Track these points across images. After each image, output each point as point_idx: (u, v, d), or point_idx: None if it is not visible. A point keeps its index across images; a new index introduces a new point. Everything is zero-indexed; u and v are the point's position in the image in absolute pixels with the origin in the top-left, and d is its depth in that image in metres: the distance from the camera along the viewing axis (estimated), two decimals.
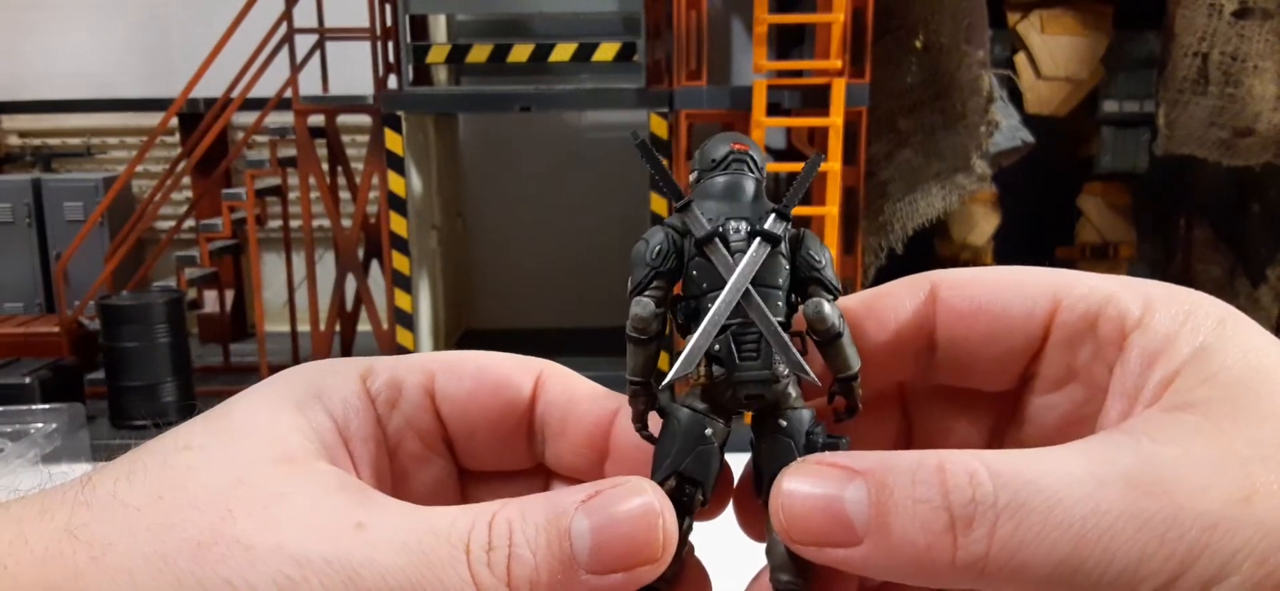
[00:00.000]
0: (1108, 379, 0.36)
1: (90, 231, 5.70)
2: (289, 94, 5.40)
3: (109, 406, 5.10)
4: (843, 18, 4.72)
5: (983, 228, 5.63)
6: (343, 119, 5.92)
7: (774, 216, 0.37)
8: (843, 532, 0.33)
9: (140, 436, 0.38)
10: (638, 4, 5.27)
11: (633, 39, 5.34)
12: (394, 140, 5.37)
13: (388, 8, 5.36)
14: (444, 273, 6.33)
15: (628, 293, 0.38)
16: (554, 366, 0.42)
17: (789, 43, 5.91)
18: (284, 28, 5.40)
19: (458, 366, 0.41)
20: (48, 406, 1.22)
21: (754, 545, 0.39)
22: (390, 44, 5.44)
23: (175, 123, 6.36)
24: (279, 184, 5.98)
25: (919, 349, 0.40)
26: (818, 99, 4.92)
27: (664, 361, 0.37)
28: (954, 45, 4.93)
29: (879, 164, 5.28)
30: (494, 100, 5.73)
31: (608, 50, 5.32)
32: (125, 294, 5.35)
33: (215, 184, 5.89)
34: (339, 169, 5.98)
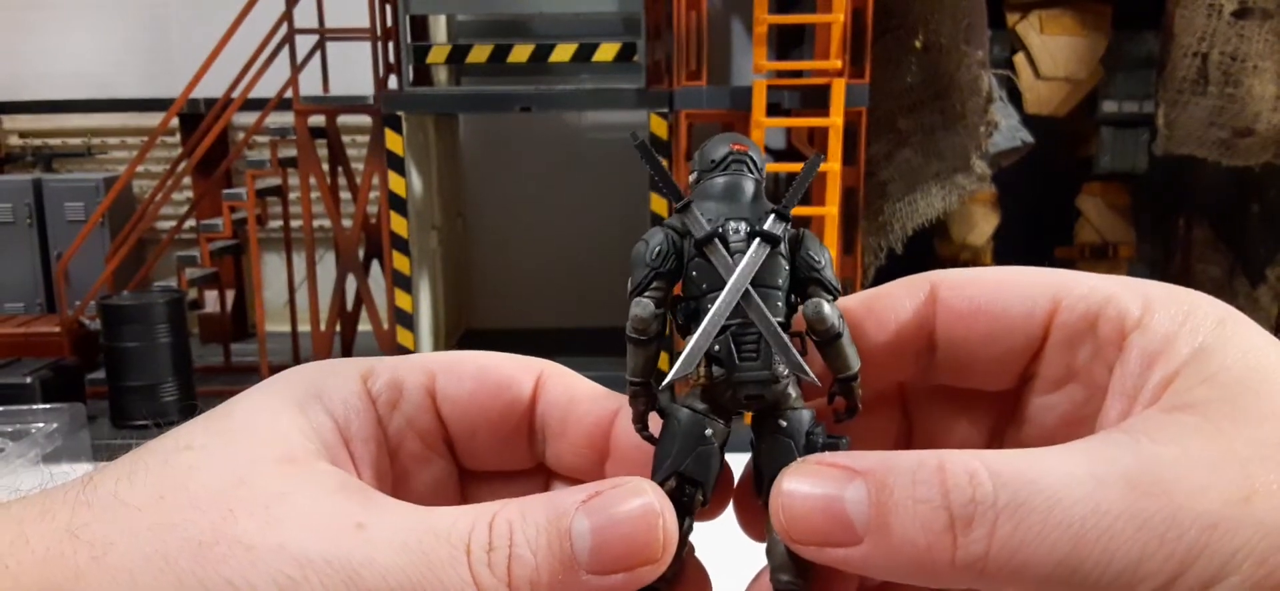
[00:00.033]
0: (1107, 379, 0.36)
1: (91, 231, 5.70)
2: (289, 94, 5.40)
3: (110, 406, 5.10)
4: (842, 18, 4.72)
5: (982, 228, 5.63)
6: (343, 119, 5.92)
7: (773, 217, 0.37)
8: (843, 532, 0.33)
9: (141, 436, 0.38)
10: (638, 4, 5.26)
11: (633, 39, 5.34)
12: (394, 140, 5.37)
13: (388, 8, 5.36)
14: (444, 273, 6.32)
15: (628, 293, 0.38)
16: (554, 366, 0.42)
17: (789, 43, 5.90)
18: (284, 28, 5.40)
19: (458, 367, 0.41)
20: (48, 406, 1.22)
21: (754, 545, 0.39)
22: (390, 44, 5.44)
23: (176, 123, 6.35)
24: (279, 184, 5.98)
25: (919, 349, 0.40)
26: (817, 99, 4.92)
27: (664, 362, 0.37)
28: (954, 45, 4.93)
29: (878, 164, 5.27)
30: (494, 100, 5.73)
31: (608, 50, 5.31)
32: (126, 294, 5.35)
33: (216, 184, 5.89)
34: (339, 169, 5.98)
